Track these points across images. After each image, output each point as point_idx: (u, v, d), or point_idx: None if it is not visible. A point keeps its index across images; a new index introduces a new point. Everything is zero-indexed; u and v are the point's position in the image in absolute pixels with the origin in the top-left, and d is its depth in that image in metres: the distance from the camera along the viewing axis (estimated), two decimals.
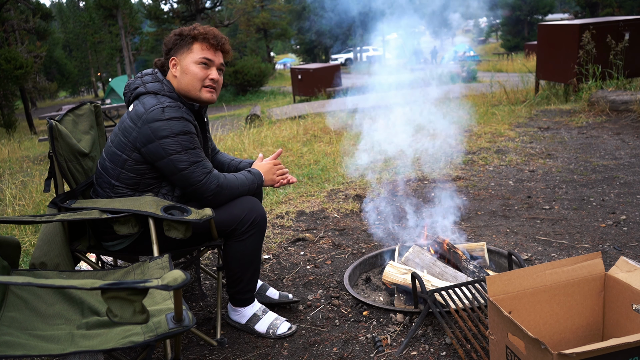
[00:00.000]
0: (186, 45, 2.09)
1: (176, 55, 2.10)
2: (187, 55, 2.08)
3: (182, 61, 2.08)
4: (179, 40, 2.09)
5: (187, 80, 2.07)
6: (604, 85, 7.50)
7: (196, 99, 2.11)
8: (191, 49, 2.08)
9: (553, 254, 2.87)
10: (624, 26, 7.73)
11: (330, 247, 3.21)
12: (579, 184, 4.07)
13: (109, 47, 35.79)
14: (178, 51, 2.09)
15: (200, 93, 2.09)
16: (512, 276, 1.67)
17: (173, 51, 2.11)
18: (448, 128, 3.71)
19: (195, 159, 2.01)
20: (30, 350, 1.32)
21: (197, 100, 2.11)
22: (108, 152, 2.09)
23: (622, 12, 28.52)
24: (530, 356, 1.40)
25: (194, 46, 2.08)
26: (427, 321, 2.22)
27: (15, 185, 5.19)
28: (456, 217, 3.54)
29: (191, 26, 2.13)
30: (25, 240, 3.44)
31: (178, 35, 2.11)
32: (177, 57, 2.10)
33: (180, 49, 2.09)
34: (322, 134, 7.07)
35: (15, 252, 1.82)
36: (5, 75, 16.73)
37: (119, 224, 1.95)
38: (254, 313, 2.26)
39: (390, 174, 4.70)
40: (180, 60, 2.09)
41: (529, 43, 23.25)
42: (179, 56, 2.09)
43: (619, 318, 1.68)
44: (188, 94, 2.10)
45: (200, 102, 2.14)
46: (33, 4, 23.43)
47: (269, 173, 2.29)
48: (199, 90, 2.09)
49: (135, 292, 1.22)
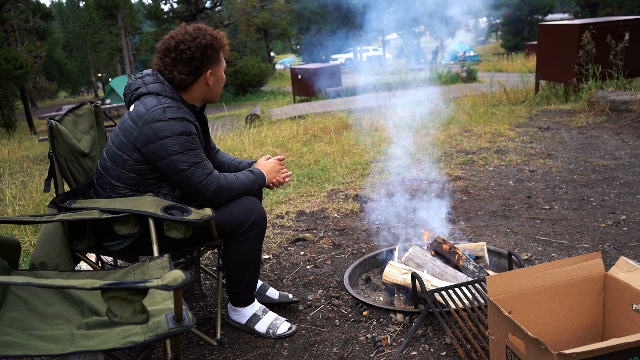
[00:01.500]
0: (216, 56, 2.13)
1: (212, 68, 2.12)
2: (220, 65, 2.16)
3: (218, 72, 2.15)
4: (213, 52, 2.10)
5: (218, 88, 2.20)
6: (604, 85, 7.49)
7: (214, 101, 2.22)
8: (220, 59, 2.15)
9: (553, 254, 2.87)
10: (624, 26, 7.72)
11: (330, 247, 3.21)
12: (579, 184, 4.07)
13: (109, 47, 35.80)
14: (212, 63, 2.11)
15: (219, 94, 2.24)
16: (512, 276, 1.67)
17: (206, 65, 2.10)
18: (447, 127, 3.71)
19: (195, 159, 2.02)
20: (30, 350, 1.33)
21: (214, 101, 2.21)
22: (109, 153, 2.09)
23: (622, 12, 28.53)
24: (530, 356, 1.40)
25: (221, 54, 2.16)
26: (427, 321, 2.22)
27: (15, 185, 5.19)
28: (456, 217, 3.55)
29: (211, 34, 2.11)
30: (25, 240, 3.44)
31: (210, 48, 2.09)
32: (212, 69, 2.13)
33: (214, 60, 2.12)
34: (322, 134, 7.07)
35: (15, 252, 1.82)
36: (5, 75, 16.73)
37: (119, 224, 1.96)
38: (254, 313, 2.26)
39: (390, 174, 4.70)
40: (216, 72, 2.14)
41: (529, 43, 23.25)
42: (214, 68, 2.13)
43: (619, 318, 1.68)
44: (211, 99, 2.20)
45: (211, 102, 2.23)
46: (33, 4, 23.42)
47: (272, 172, 2.31)
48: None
49: (135, 292, 1.22)
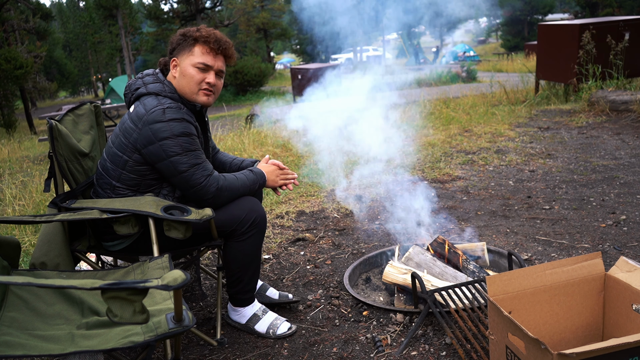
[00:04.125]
0: (188, 47, 2.07)
1: (177, 57, 2.09)
2: (187, 57, 2.07)
3: (182, 63, 2.08)
4: (182, 41, 2.08)
5: (184, 83, 2.07)
6: (604, 85, 7.49)
7: (193, 101, 2.11)
8: (192, 52, 2.07)
9: (553, 254, 2.87)
10: (624, 26, 7.72)
11: (330, 247, 3.21)
12: (579, 184, 4.07)
13: (109, 47, 35.78)
14: (180, 52, 2.09)
15: (197, 96, 2.09)
16: (512, 276, 1.67)
17: (176, 51, 2.10)
18: (447, 127, 3.71)
19: (195, 161, 2.01)
20: (30, 350, 1.33)
21: (194, 102, 2.11)
22: (109, 153, 2.09)
23: (622, 12, 28.53)
24: (530, 356, 1.40)
25: (195, 49, 2.07)
26: (427, 321, 2.22)
27: (15, 185, 5.19)
28: (456, 217, 3.55)
29: (196, 27, 2.11)
30: (25, 240, 3.44)
31: (182, 35, 2.10)
32: (178, 59, 2.09)
33: (182, 50, 2.08)
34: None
35: (15, 252, 1.82)
36: (5, 75, 16.73)
37: (119, 224, 1.96)
38: (254, 313, 2.26)
39: (390, 174, 4.70)
40: (180, 62, 2.08)
41: (529, 43, 23.25)
42: (179, 57, 2.09)
43: (619, 318, 1.68)
44: (185, 96, 2.10)
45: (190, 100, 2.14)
46: (33, 4, 23.44)
47: (272, 174, 2.29)
48: (196, 93, 2.09)
49: (135, 292, 1.22)
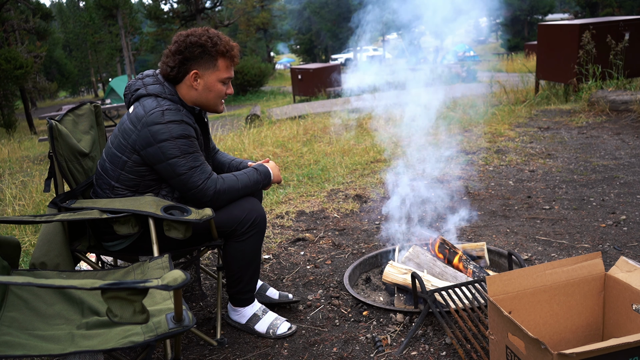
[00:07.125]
0: (211, 61, 2.04)
1: (199, 69, 2.04)
2: (213, 72, 2.05)
3: (207, 77, 2.05)
4: (202, 53, 2.02)
5: (210, 96, 2.09)
6: (604, 85, 7.49)
7: (213, 111, 2.15)
8: (217, 66, 2.05)
9: (553, 254, 2.87)
10: (624, 26, 7.72)
11: (330, 247, 3.21)
12: (579, 184, 4.06)
13: (109, 47, 35.81)
14: (202, 65, 2.03)
15: (218, 107, 2.14)
16: (512, 276, 1.67)
17: (194, 63, 2.03)
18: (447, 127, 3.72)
19: (194, 163, 2.01)
20: (30, 350, 1.33)
21: (213, 111, 2.16)
22: (108, 154, 2.09)
23: (622, 12, 28.54)
24: (530, 356, 1.40)
25: (219, 63, 2.05)
26: (427, 321, 2.22)
27: (15, 185, 5.19)
28: (456, 217, 3.54)
29: (212, 38, 2.04)
30: (25, 240, 3.44)
31: (200, 47, 2.02)
32: (200, 71, 2.04)
33: (204, 63, 2.03)
34: (322, 134, 7.07)
35: (15, 252, 1.82)
36: (5, 75, 16.73)
37: (119, 224, 1.96)
38: (254, 313, 2.26)
39: (390, 174, 4.70)
40: (204, 76, 2.05)
41: (529, 43, 23.24)
42: (202, 71, 2.04)
43: (619, 318, 1.68)
44: (206, 107, 2.13)
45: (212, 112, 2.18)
46: (33, 4, 23.43)
47: (275, 169, 2.32)
48: (218, 105, 2.14)
49: (135, 292, 1.22)
